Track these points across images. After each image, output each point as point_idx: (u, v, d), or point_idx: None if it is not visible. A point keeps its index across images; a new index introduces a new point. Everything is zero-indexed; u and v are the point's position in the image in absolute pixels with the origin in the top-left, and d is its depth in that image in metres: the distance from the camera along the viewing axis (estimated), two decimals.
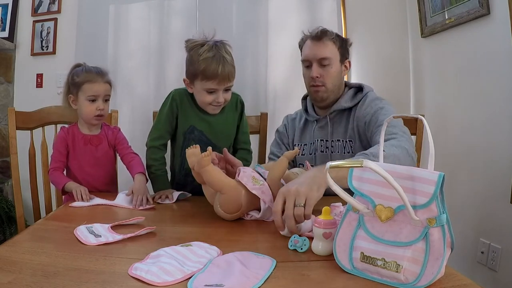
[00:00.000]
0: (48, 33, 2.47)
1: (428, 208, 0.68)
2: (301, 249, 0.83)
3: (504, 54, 1.66)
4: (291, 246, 0.85)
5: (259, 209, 1.07)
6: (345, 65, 1.48)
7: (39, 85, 2.50)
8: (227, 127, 1.50)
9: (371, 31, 2.44)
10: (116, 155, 1.57)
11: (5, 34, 2.46)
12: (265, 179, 1.08)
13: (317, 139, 1.49)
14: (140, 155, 1.51)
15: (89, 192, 1.30)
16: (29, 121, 1.67)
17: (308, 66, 1.46)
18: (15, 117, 1.61)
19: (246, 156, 1.54)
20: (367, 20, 2.42)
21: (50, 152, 1.49)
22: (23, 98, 2.49)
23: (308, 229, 0.93)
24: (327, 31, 1.43)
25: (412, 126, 1.60)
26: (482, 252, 1.78)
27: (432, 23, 2.13)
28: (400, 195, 0.67)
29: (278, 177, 1.09)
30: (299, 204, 0.88)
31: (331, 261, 0.77)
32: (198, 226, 1.04)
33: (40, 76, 2.50)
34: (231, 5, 2.37)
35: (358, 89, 1.48)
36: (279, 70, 2.38)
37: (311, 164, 1.39)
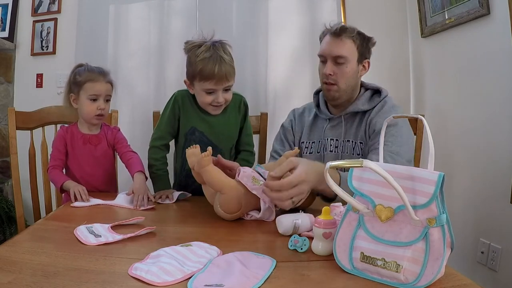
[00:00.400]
0: (48, 33, 2.47)
1: (428, 208, 0.68)
2: (301, 249, 0.83)
3: (504, 54, 1.66)
4: (291, 246, 0.85)
5: (259, 209, 1.07)
6: (364, 65, 1.42)
7: (39, 85, 2.49)
8: (228, 128, 1.49)
9: (371, 31, 2.43)
10: (115, 155, 1.57)
11: (5, 34, 2.46)
12: (265, 179, 1.08)
13: (327, 138, 1.44)
14: (140, 154, 1.51)
15: (88, 192, 1.30)
16: (29, 121, 1.67)
17: (323, 61, 1.41)
18: (15, 117, 1.61)
19: (248, 158, 1.54)
20: (367, 20, 2.41)
21: (50, 152, 1.49)
22: (23, 98, 2.49)
23: (307, 228, 0.93)
24: (347, 28, 1.36)
25: (412, 126, 1.60)
26: (482, 252, 1.78)
27: (432, 23, 2.13)
28: (400, 195, 0.67)
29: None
30: (293, 202, 0.96)
31: (331, 261, 0.77)
32: (198, 226, 1.04)
33: (40, 76, 2.49)
34: (231, 5, 2.37)
35: (374, 92, 1.43)
36: (279, 70, 2.38)
37: None
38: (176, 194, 1.34)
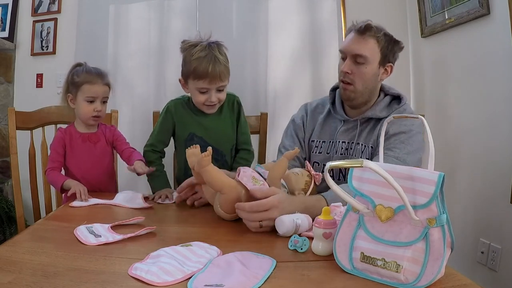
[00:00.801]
0: (48, 33, 2.47)
1: (428, 208, 0.68)
2: (301, 249, 0.83)
3: (504, 54, 1.66)
4: (291, 246, 0.85)
5: None
6: (386, 69, 1.34)
7: (39, 85, 2.50)
8: (226, 130, 1.50)
9: None
10: (113, 154, 1.58)
11: (5, 34, 2.46)
12: (265, 179, 1.08)
13: (339, 141, 1.38)
14: None
15: (88, 192, 1.30)
16: (29, 121, 1.67)
17: (343, 58, 1.34)
18: (15, 117, 1.61)
19: (246, 156, 1.55)
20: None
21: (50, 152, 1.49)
22: (23, 98, 2.49)
23: (306, 228, 0.94)
24: (372, 27, 1.28)
25: None
26: (482, 252, 1.78)
27: (432, 23, 2.13)
28: (400, 195, 0.67)
29: (278, 177, 1.09)
30: (261, 225, 0.95)
31: (331, 261, 0.77)
32: (198, 226, 1.04)
33: (40, 76, 2.49)
34: (231, 5, 2.37)
35: (394, 98, 1.38)
36: (279, 70, 2.38)
37: (323, 164, 1.38)
38: (176, 194, 1.34)
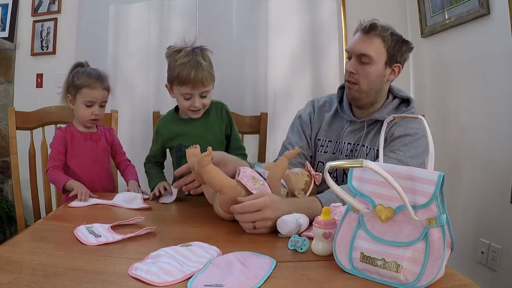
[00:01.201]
0: (48, 33, 2.47)
1: (428, 208, 0.68)
2: (301, 249, 0.83)
3: (504, 54, 1.66)
4: (291, 246, 0.85)
5: None
6: (393, 69, 1.31)
7: (39, 85, 2.49)
8: (214, 137, 1.49)
9: None
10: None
11: (5, 34, 2.46)
12: (265, 179, 1.08)
13: (345, 141, 1.36)
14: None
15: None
16: (29, 121, 1.67)
17: (349, 58, 1.32)
18: (15, 117, 1.61)
19: (245, 159, 1.55)
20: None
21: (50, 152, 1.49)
22: (23, 98, 2.49)
23: (305, 228, 0.94)
24: (377, 26, 1.26)
25: None
26: (482, 252, 1.78)
27: (432, 23, 2.13)
28: (400, 195, 0.67)
29: (278, 177, 1.09)
30: (255, 226, 0.95)
31: (331, 261, 0.77)
32: (198, 226, 1.04)
33: (40, 76, 2.49)
34: (231, 5, 2.37)
35: (402, 101, 1.35)
36: (279, 70, 2.37)
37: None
38: (175, 190, 1.34)
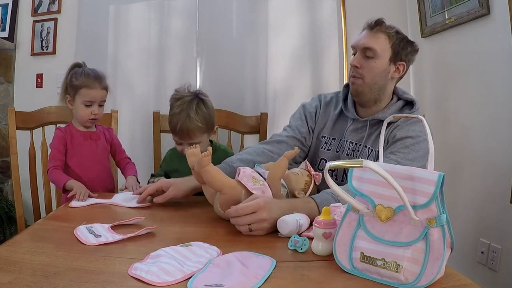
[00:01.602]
0: (48, 33, 2.47)
1: (428, 208, 0.68)
2: (301, 249, 0.83)
3: (504, 54, 1.66)
4: (291, 246, 0.85)
5: None
6: (398, 67, 1.31)
7: (39, 85, 2.49)
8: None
9: None
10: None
11: (5, 34, 2.46)
12: (265, 179, 1.08)
13: (347, 140, 1.37)
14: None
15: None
16: (29, 121, 1.68)
17: (354, 54, 1.34)
18: (15, 117, 1.61)
19: None
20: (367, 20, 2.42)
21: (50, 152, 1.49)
22: (23, 98, 2.48)
23: (305, 228, 0.94)
24: (383, 23, 1.29)
25: None
26: (482, 252, 1.78)
27: (432, 23, 2.13)
28: (400, 195, 0.67)
29: (278, 177, 1.09)
30: (250, 228, 0.94)
31: (331, 261, 0.77)
32: (198, 226, 1.04)
33: (40, 76, 2.49)
34: (231, 5, 2.37)
35: (407, 103, 1.35)
36: (279, 70, 2.38)
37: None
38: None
